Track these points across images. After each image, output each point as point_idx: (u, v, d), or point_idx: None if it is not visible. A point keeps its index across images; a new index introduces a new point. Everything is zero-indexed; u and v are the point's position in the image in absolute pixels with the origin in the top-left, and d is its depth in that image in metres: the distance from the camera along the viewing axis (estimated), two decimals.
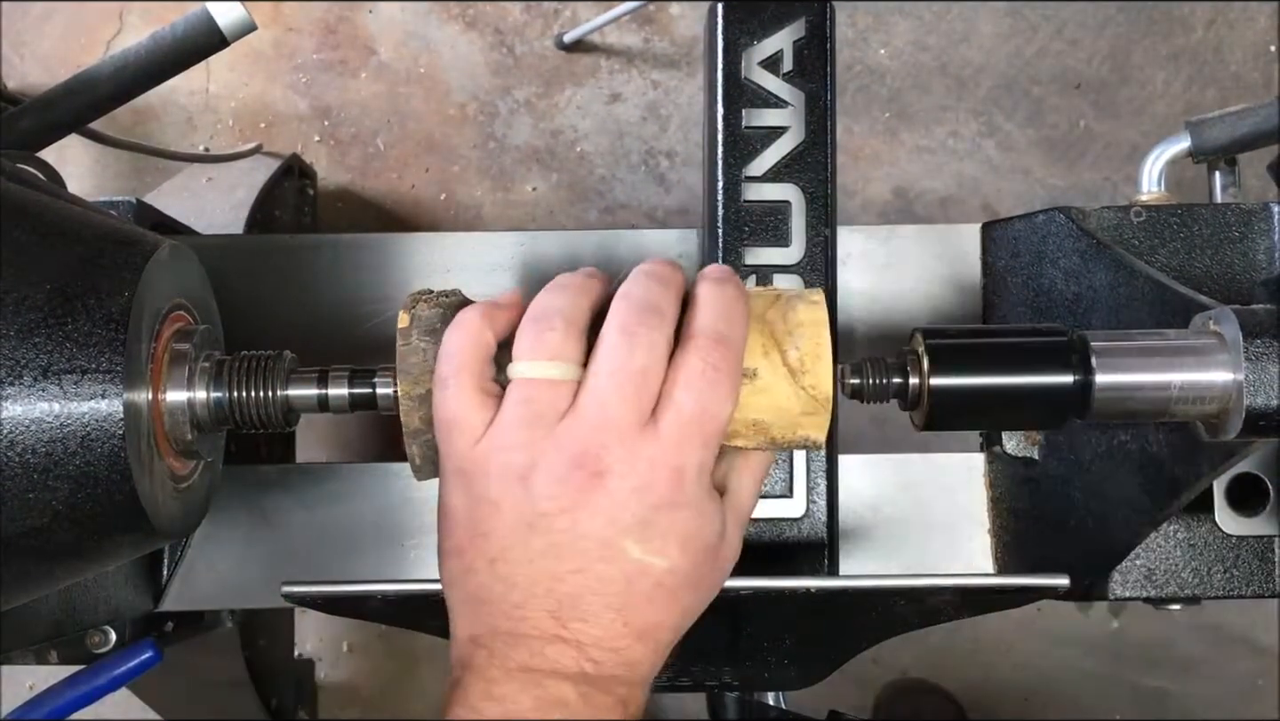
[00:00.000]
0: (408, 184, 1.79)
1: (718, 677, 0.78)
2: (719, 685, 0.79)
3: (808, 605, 0.69)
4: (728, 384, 0.58)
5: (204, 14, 0.82)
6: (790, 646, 0.76)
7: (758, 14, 0.84)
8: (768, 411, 0.62)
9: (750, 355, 0.62)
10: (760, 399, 0.62)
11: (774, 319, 0.63)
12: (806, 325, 0.63)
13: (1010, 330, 0.79)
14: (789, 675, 0.78)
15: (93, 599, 0.84)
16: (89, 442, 0.61)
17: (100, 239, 0.65)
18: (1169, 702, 1.78)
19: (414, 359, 0.63)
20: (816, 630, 0.76)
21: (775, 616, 0.74)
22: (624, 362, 0.57)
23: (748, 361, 0.62)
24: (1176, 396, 0.66)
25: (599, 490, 0.57)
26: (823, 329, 0.63)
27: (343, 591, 0.70)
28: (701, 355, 0.58)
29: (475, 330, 0.60)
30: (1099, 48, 1.82)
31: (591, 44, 1.81)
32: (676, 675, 0.77)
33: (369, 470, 0.93)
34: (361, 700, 1.75)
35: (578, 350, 0.59)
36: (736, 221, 0.83)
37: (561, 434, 0.57)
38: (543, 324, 0.59)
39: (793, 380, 0.62)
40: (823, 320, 0.63)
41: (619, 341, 0.58)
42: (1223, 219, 0.87)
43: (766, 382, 0.62)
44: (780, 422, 0.63)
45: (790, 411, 0.63)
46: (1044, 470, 0.86)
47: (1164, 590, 0.86)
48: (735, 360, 0.59)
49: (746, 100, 0.83)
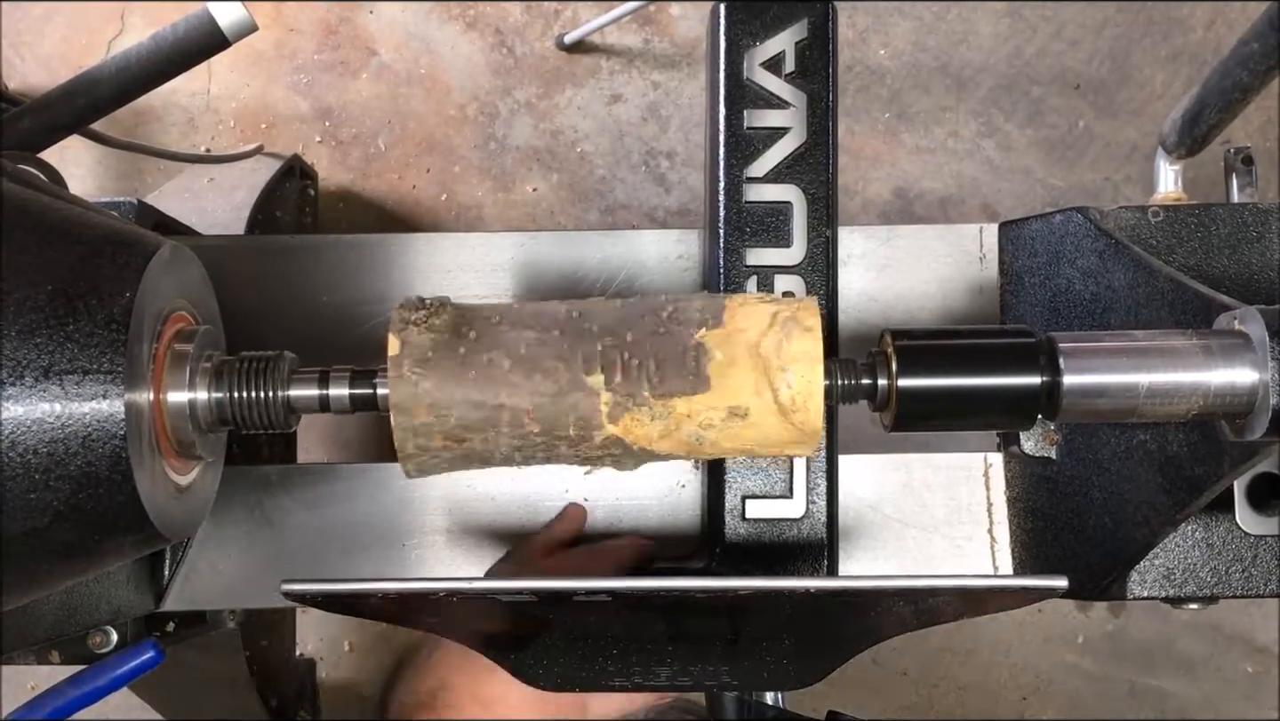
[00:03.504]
0: (409, 184, 1.80)
1: (716, 677, 0.78)
2: (718, 685, 0.80)
3: (807, 605, 0.69)
4: None
5: (205, 14, 0.82)
6: (789, 646, 0.77)
7: (760, 15, 0.84)
8: (755, 442, 0.65)
9: (742, 392, 0.63)
10: (750, 432, 0.64)
11: (768, 352, 0.64)
12: (800, 361, 0.64)
13: (979, 331, 0.79)
14: (788, 675, 0.78)
15: (94, 599, 0.84)
16: (90, 443, 0.61)
17: (101, 240, 0.66)
18: (1168, 702, 1.78)
19: (405, 390, 0.63)
20: (816, 630, 0.76)
21: (774, 616, 0.74)
22: None
23: (740, 399, 0.63)
24: (1145, 397, 0.66)
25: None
26: (816, 365, 0.64)
27: (342, 589, 0.70)
28: None
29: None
30: (1098, 48, 1.82)
31: (592, 44, 1.81)
32: (676, 674, 0.77)
33: (369, 470, 0.93)
34: (362, 700, 1.75)
35: None
36: (738, 222, 0.83)
37: None
38: None
39: (783, 417, 0.64)
40: (817, 353, 0.64)
41: None
42: (1240, 218, 0.87)
43: (757, 419, 0.64)
44: (767, 447, 0.65)
45: (779, 441, 0.65)
46: (1062, 470, 0.86)
47: (1182, 590, 0.86)
48: None
49: (748, 101, 0.83)
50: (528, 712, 0.85)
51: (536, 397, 0.64)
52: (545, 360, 0.64)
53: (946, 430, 0.73)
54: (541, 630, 0.73)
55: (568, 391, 0.64)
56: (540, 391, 0.64)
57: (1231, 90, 0.94)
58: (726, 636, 0.76)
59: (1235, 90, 0.94)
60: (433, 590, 0.66)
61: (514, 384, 0.64)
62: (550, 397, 0.64)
